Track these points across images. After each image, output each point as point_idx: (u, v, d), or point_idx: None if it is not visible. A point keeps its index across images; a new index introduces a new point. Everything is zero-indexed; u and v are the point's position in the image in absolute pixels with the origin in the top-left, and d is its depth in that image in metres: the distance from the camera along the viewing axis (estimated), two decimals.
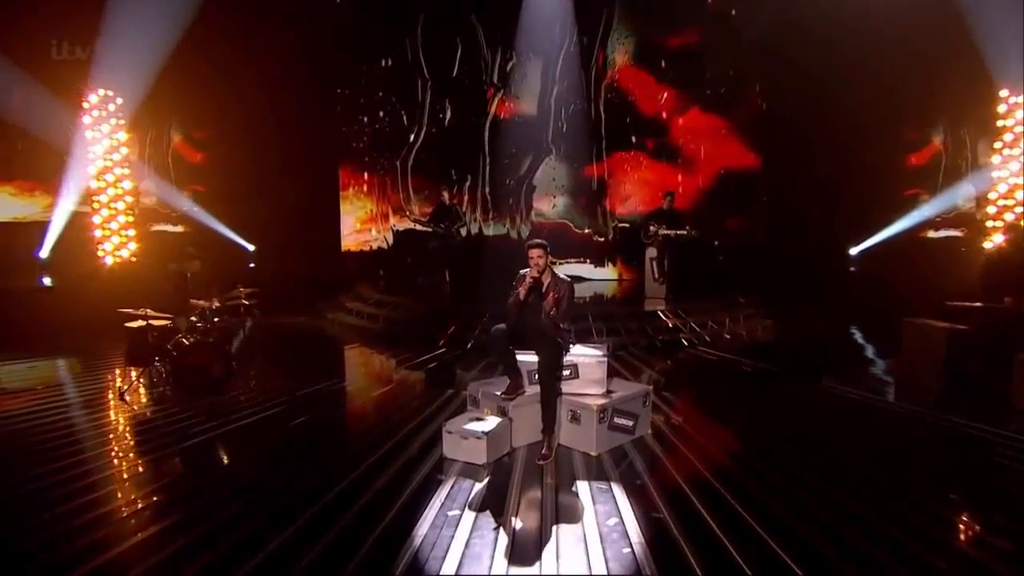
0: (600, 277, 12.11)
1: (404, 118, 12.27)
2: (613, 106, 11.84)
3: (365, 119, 12.40)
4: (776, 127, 11.09)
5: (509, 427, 4.85)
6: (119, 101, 10.23)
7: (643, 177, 11.88)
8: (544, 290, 5.00)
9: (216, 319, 6.28)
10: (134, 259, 11.01)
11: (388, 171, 12.39)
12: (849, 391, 6.31)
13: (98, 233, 10.41)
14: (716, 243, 11.41)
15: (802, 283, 10.71)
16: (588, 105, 11.85)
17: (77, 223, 10.94)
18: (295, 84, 11.74)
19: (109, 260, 10.70)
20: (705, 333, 8.76)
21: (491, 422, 4.78)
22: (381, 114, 12.31)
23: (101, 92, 10.03)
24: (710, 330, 8.86)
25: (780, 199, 11.29)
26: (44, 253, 11.64)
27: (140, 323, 5.97)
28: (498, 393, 4.96)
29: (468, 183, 12.18)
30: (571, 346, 5.09)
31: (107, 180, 10.32)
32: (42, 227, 11.24)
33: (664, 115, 11.76)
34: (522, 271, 5.07)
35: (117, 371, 6.71)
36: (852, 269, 11.57)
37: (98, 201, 10.32)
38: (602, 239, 12.14)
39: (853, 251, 11.58)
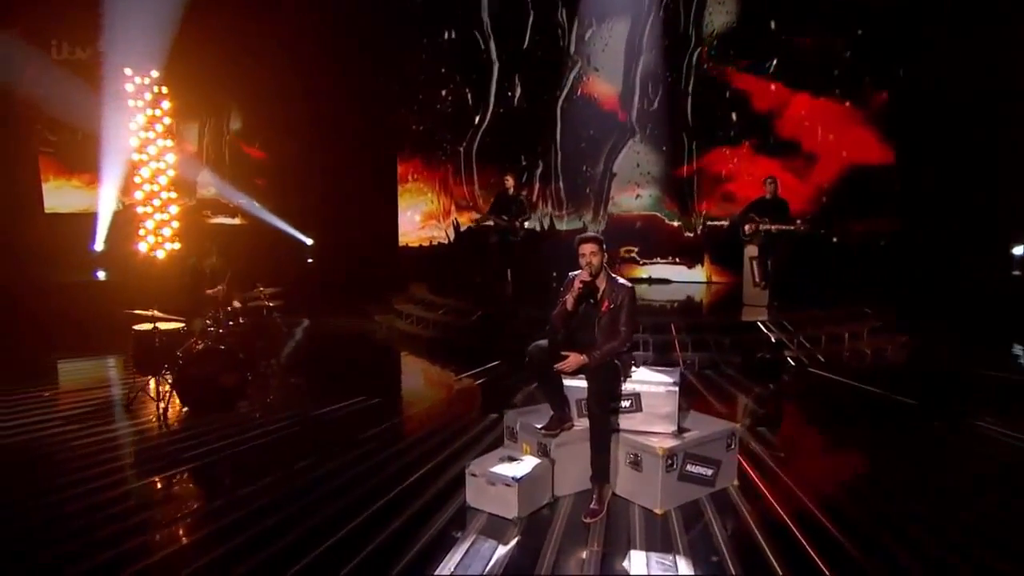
0: (689, 279, 11.06)
1: (469, 97, 11.73)
2: (708, 82, 10.75)
3: (423, 98, 12.01)
4: (915, 114, 9.69)
5: (550, 471, 4.12)
6: (163, 89, 10.25)
7: (744, 169, 10.72)
8: (598, 298, 4.23)
9: (231, 322, 5.92)
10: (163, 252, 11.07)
11: (450, 157, 11.90)
12: (1016, 437, 5.12)
13: (150, 224, 10.52)
14: (835, 240, 10.10)
15: (949, 291, 9.24)
16: (679, 79, 10.84)
17: (125, 216, 11.14)
18: (352, 62, 11.54)
19: (160, 254, 10.82)
20: (818, 351, 7.65)
21: (527, 464, 4.07)
22: (443, 93, 11.84)
23: (138, 80, 10.06)
24: (825, 347, 7.74)
25: (919, 195, 9.83)
26: (98, 246, 12.00)
27: (148, 326, 5.67)
28: (538, 427, 4.22)
29: (539, 170, 11.51)
30: (633, 369, 4.28)
31: (145, 173, 10.36)
32: (116, 218, 11.56)
33: (772, 94, 10.51)
34: (571, 273, 4.33)
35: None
36: (1016, 273, 9.92)
37: (142, 191, 10.40)
38: (691, 234, 11.09)
39: (1018, 251, 9.92)
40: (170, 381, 5.55)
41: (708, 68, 10.73)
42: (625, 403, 4.24)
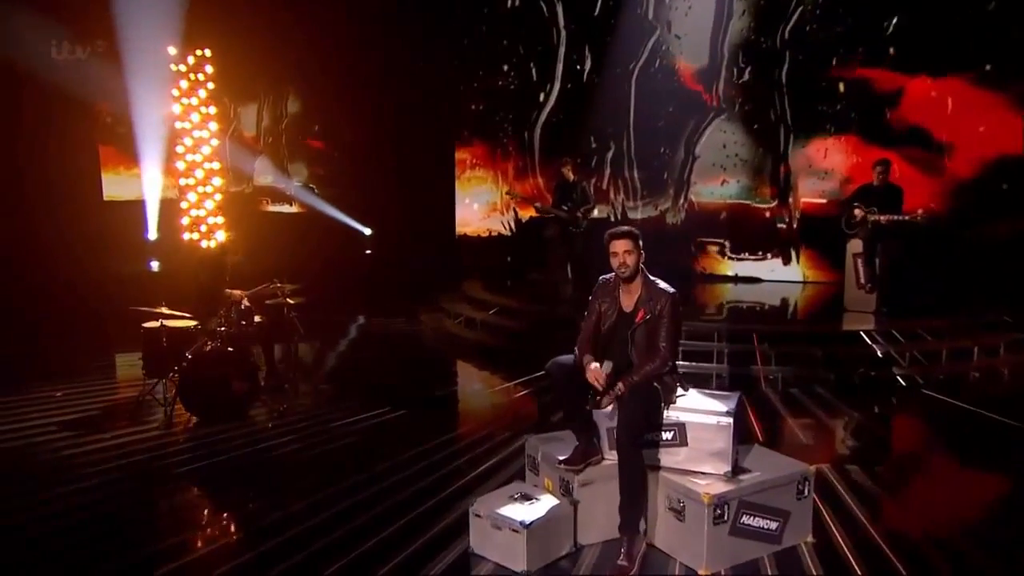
0: (782, 278, 10.18)
1: (533, 73, 11.27)
2: (811, 51, 9.79)
3: (482, 74, 11.64)
4: None
5: (572, 515, 3.63)
6: (207, 69, 10.36)
7: (852, 153, 9.73)
8: (633, 306, 3.69)
9: (244, 322, 5.74)
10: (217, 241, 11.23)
11: (512, 140, 11.49)
12: None
13: (197, 214, 10.71)
14: (967, 237, 8.93)
15: None
16: (775, 47, 9.95)
17: (174, 204, 11.39)
18: (408, 35, 11.36)
19: (209, 244, 11.01)
20: (937, 368, 6.73)
21: (543, 504, 3.60)
22: (505, 68, 11.42)
23: (182, 65, 10.18)
24: (945, 364, 6.81)
25: None
26: (152, 235, 12.37)
27: (155, 324, 5.58)
28: (560, 459, 3.74)
29: (610, 153, 10.92)
30: (678, 393, 3.73)
31: (188, 160, 10.53)
32: (166, 207, 11.91)
33: (890, 66, 9.42)
34: (602, 277, 3.83)
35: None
36: None
37: (185, 180, 10.57)
38: (784, 224, 10.19)
39: None
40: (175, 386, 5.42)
41: (810, 32, 9.78)
42: (666, 435, 3.69)
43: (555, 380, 3.68)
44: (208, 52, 10.34)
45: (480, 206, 11.81)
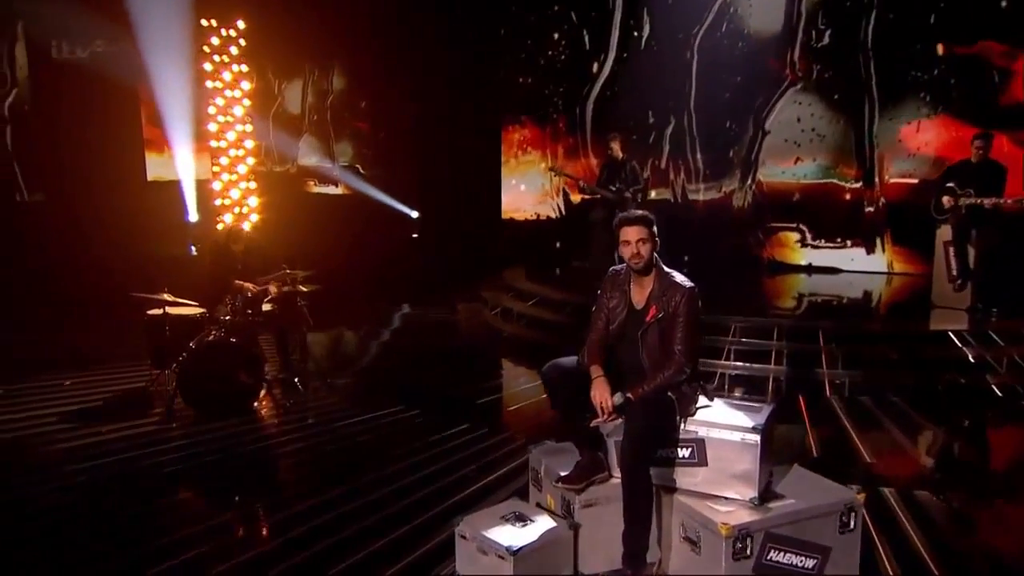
0: (864, 268, 9.49)
1: (586, 40, 10.86)
2: (903, 7, 9.03)
3: (531, 43, 11.31)
4: None
5: (571, 540, 3.33)
6: (241, 43, 10.41)
7: (949, 128, 8.94)
8: (644, 302, 3.35)
9: (250, 311, 5.65)
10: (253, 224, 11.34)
11: (562, 116, 11.13)
12: None
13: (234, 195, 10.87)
14: None
15: None
16: (860, 5, 9.23)
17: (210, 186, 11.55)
18: (454, 4, 11.18)
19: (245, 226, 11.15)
20: None
21: (537, 527, 3.31)
22: (556, 37, 11.05)
23: (222, 33, 10.24)
24: None
25: None
26: (192, 217, 12.61)
27: (159, 311, 5.54)
28: (560, 475, 3.44)
29: (670, 128, 10.42)
30: (700, 404, 3.38)
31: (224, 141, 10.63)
32: (204, 188, 12.15)
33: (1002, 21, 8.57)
34: (612, 268, 3.50)
35: None
36: None
37: (219, 163, 10.69)
38: (871, 208, 9.48)
39: None
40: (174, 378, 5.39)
41: None
42: (683, 452, 3.33)
43: (553, 386, 3.37)
44: (241, 24, 10.39)
45: (528, 188, 11.53)
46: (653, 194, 10.32)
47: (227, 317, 5.56)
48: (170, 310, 5.56)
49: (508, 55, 11.51)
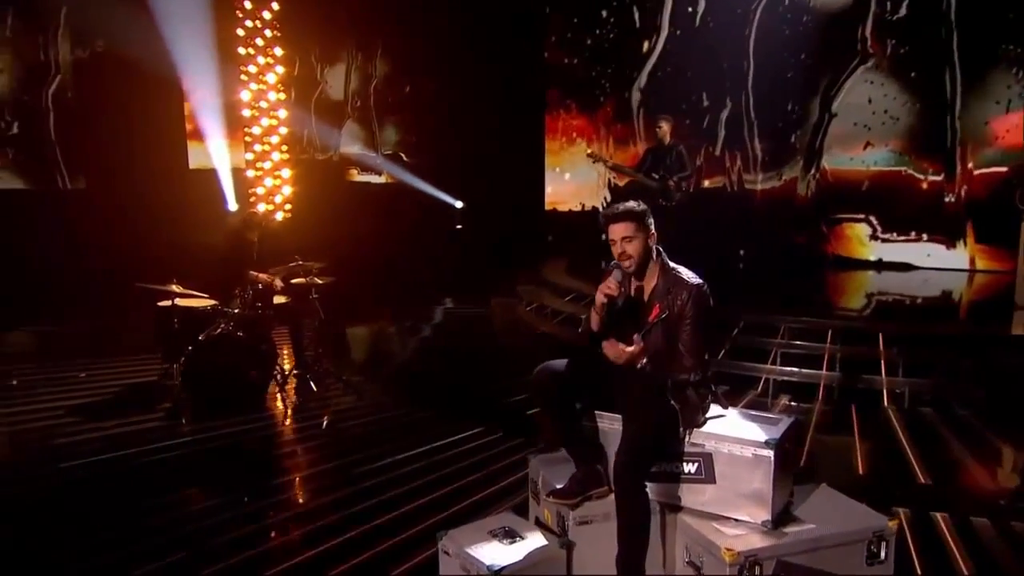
0: (942, 265, 8.98)
1: (636, 18, 10.62)
2: None
3: (577, 21, 11.13)
4: None
5: (563, 561, 3.18)
6: (276, 30, 10.53)
7: None
8: (645, 302, 3.17)
9: (260, 304, 5.67)
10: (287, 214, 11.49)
11: (610, 99, 10.88)
12: None
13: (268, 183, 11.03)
14: None
15: None
16: None
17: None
18: None
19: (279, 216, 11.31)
20: None
21: (526, 545, 3.17)
22: (604, 14, 10.83)
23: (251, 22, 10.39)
24: None
25: None
26: (232, 206, 12.87)
27: (167, 302, 5.61)
28: (556, 488, 3.29)
29: (726, 112, 10.09)
30: (711, 414, 3.18)
31: (256, 130, 10.78)
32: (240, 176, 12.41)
33: None
34: (613, 263, 3.33)
35: None
36: None
37: (253, 151, 10.86)
38: (951, 199, 8.96)
39: None
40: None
41: None
42: (689, 467, 3.14)
43: (544, 391, 3.20)
44: (276, 6, 10.51)
45: (574, 178, 11.34)
46: (707, 183, 10.06)
47: (236, 310, 5.57)
48: (180, 301, 5.60)
49: (553, 35, 11.34)
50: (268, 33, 10.59)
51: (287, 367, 6.16)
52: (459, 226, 12.73)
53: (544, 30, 11.37)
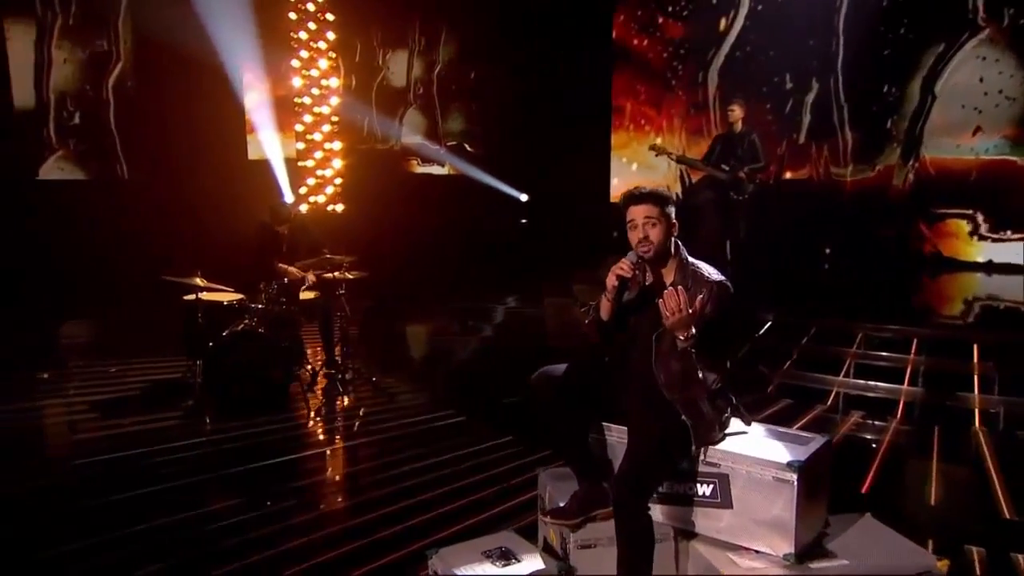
0: None
1: None
2: None
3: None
4: None
5: None
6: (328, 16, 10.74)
7: None
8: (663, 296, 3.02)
9: (284, 299, 5.75)
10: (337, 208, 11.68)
11: (683, 81, 10.61)
12: None
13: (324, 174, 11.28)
14: None
15: None
16: None
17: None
18: None
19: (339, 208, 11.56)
20: None
21: (521, 567, 3.07)
22: None
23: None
24: None
25: None
26: (288, 198, 13.19)
27: (192, 297, 5.72)
28: (556, 506, 3.17)
29: (812, 95, 9.70)
30: (723, 430, 3.00)
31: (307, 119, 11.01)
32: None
33: None
34: (629, 254, 3.19)
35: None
36: None
37: (320, 132, 11.10)
38: None
39: None
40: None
41: None
42: (703, 488, 2.97)
43: (542, 398, 3.07)
44: None
45: (641, 169, 11.14)
46: (789, 175, 9.69)
47: (260, 306, 5.65)
48: (206, 295, 5.70)
49: (623, 14, 11.19)
50: (321, 17, 10.78)
51: (316, 366, 6.23)
52: (523, 220, 12.70)
53: (612, 7, 11.20)
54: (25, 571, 3.61)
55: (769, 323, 6.72)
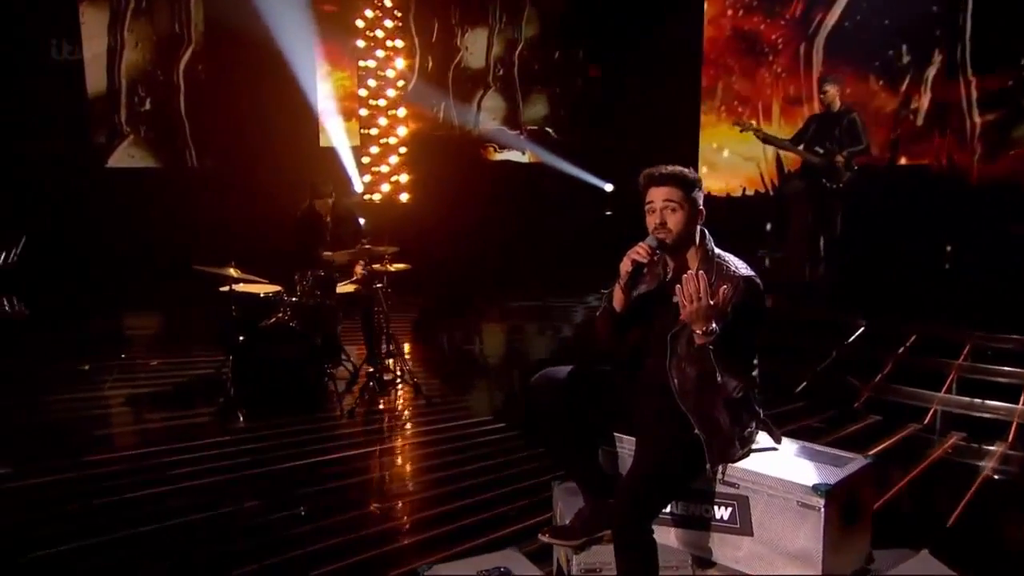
0: None
1: None
2: None
3: None
4: None
5: None
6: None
7: None
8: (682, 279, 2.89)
9: (319, 291, 5.83)
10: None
11: (781, 55, 10.20)
12: None
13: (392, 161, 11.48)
14: None
15: None
16: None
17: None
18: None
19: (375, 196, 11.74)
20: None
21: None
22: None
23: None
24: None
25: None
26: (358, 187, 13.47)
27: (226, 288, 5.87)
28: (559, 524, 3.09)
29: (934, 69, 9.23)
30: (744, 447, 2.85)
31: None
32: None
33: None
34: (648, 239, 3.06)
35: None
36: None
37: (385, 117, 11.30)
38: None
39: None
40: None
41: None
42: (721, 511, 2.82)
43: (543, 402, 2.96)
44: None
45: (733, 155, 10.81)
46: (904, 160, 9.23)
47: (295, 299, 5.76)
48: (241, 287, 5.85)
49: None
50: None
51: (355, 365, 6.31)
52: (608, 212, 12.57)
53: None
54: (35, 567, 3.76)
55: (861, 329, 6.40)
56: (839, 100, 7.45)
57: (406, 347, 7.47)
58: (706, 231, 2.98)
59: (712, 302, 2.63)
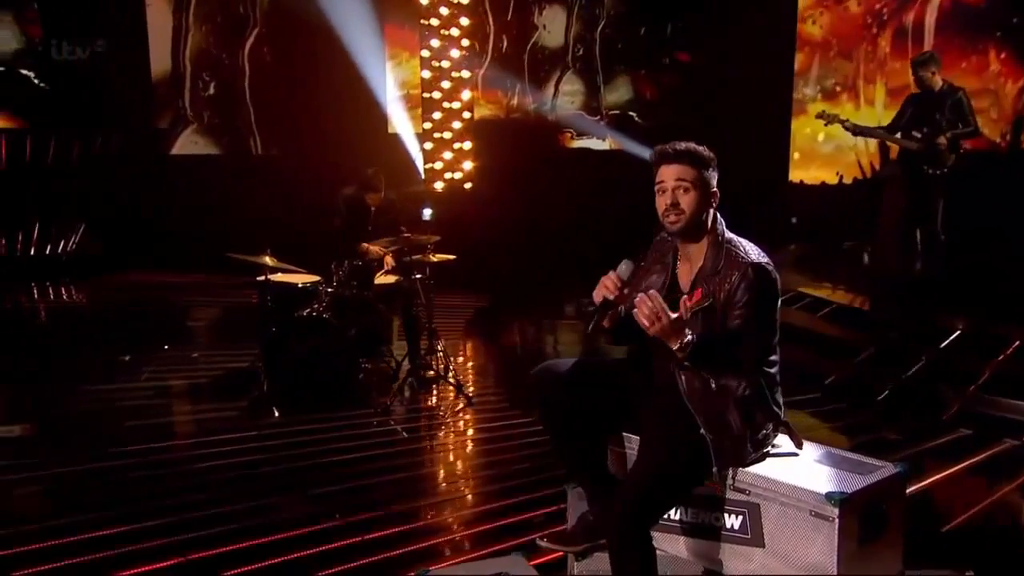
0: None
1: None
2: None
3: None
4: None
5: None
6: None
7: None
8: (691, 284, 2.88)
9: (355, 282, 5.96)
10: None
11: (887, 26, 9.92)
12: None
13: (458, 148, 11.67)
14: None
15: None
16: None
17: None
18: None
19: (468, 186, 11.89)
20: None
21: None
22: None
23: None
24: None
25: None
26: (422, 175, 13.67)
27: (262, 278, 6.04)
28: (562, 528, 3.11)
29: None
30: (758, 449, 2.80)
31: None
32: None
33: None
34: (663, 232, 3.03)
35: None
36: None
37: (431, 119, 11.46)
38: None
39: None
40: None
41: None
42: (731, 520, 2.78)
43: (543, 397, 2.93)
44: None
45: (829, 140, 10.49)
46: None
47: (330, 290, 5.89)
48: (277, 277, 6.01)
49: None
50: None
51: (398, 361, 6.42)
52: None
53: None
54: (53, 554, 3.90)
55: (958, 332, 6.17)
56: (939, 78, 7.19)
57: (457, 344, 7.59)
58: (719, 215, 2.93)
59: (676, 315, 2.58)
